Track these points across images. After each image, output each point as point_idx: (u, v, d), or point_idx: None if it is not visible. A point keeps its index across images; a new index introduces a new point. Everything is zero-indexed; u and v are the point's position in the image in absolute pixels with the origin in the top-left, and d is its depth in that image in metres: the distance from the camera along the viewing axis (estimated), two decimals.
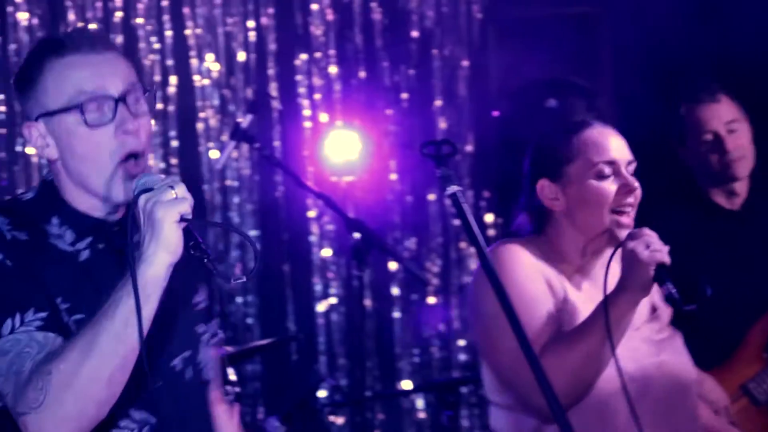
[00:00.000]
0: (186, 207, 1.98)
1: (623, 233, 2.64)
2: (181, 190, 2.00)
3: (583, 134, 2.74)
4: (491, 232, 5.60)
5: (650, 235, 2.55)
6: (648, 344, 2.70)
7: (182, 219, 1.98)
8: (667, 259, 2.51)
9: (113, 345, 1.98)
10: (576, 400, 2.53)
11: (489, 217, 5.64)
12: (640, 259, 2.50)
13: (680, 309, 2.49)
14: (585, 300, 2.68)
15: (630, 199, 2.69)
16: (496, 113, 5.41)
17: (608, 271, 2.55)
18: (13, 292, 2.09)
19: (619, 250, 2.57)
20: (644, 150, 2.91)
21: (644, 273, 2.50)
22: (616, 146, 2.73)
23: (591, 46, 5.40)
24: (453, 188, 2.23)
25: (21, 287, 2.08)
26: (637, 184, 2.70)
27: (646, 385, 2.63)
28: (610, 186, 2.69)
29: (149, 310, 1.99)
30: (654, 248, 2.51)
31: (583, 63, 5.35)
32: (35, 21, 5.17)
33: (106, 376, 1.99)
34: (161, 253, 1.98)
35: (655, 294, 2.73)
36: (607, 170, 2.69)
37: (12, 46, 5.14)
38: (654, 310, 2.78)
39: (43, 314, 2.07)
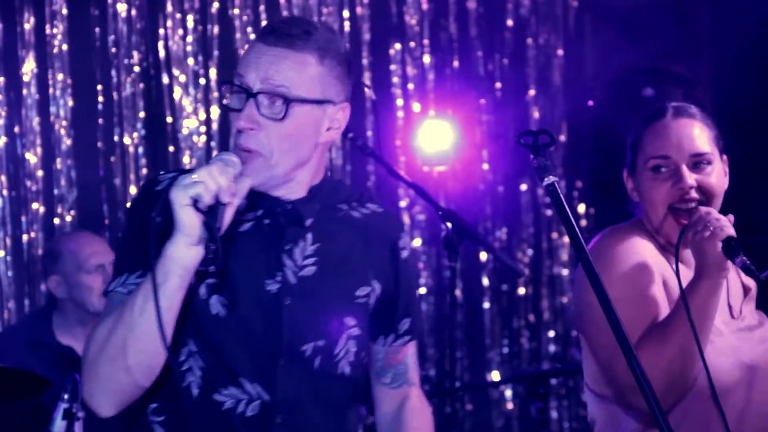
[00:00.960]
0: (197, 190, 2.00)
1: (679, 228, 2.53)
2: (203, 174, 2.01)
3: (651, 125, 2.62)
4: (584, 223, 5.55)
5: (706, 215, 2.47)
6: (751, 332, 2.63)
7: (194, 203, 2.00)
8: (729, 231, 2.43)
9: (133, 317, 2.06)
10: (675, 396, 2.48)
11: (581, 208, 5.59)
12: (703, 241, 2.44)
13: (758, 278, 2.42)
14: None
15: (687, 196, 2.55)
16: (590, 102, 5.35)
17: (678, 267, 2.46)
18: (135, 250, 2.17)
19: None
20: (742, 138, 2.82)
21: (712, 253, 2.43)
22: (676, 140, 2.58)
23: (689, 34, 5.30)
24: (550, 179, 2.19)
25: (144, 247, 2.10)
26: (690, 181, 2.56)
27: (753, 375, 2.56)
28: (663, 182, 2.58)
29: (170, 286, 2.04)
30: (714, 225, 2.44)
31: (681, 52, 5.25)
32: (134, 12, 5.26)
33: (129, 344, 2.06)
34: (177, 233, 2.03)
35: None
36: (661, 165, 2.58)
37: (111, 37, 5.22)
38: (747, 290, 2.71)
39: (143, 279, 2.12)
